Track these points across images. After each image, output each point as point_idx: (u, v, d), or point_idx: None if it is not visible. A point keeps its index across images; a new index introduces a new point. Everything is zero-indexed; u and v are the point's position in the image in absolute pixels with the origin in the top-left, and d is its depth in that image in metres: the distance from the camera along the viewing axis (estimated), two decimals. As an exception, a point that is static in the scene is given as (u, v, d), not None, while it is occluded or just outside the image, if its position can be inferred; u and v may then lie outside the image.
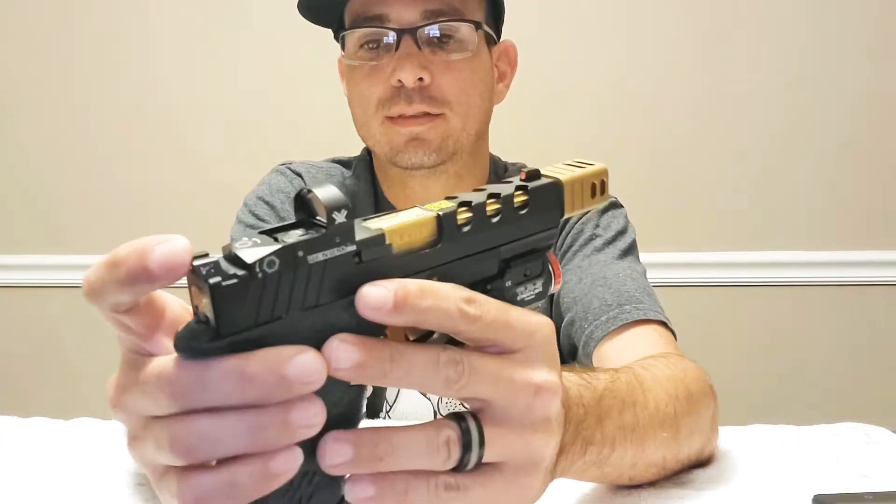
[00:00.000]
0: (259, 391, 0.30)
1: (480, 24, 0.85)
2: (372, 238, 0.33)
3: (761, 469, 0.64)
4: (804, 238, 1.52)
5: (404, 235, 0.34)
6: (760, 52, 1.49)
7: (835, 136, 1.50)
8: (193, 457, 0.31)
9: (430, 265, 0.35)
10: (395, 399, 0.92)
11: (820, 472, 0.62)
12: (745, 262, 1.53)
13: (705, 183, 1.52)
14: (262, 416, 0.31)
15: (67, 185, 1.59)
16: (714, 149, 1.51)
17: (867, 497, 0.55)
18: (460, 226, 0.36)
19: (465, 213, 0.36)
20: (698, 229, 1.53)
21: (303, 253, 0.31)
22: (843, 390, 1.53)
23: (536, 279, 0.40)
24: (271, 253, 0.30)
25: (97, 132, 1.58)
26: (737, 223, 1.52)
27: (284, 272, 0.31)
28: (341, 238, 0.32)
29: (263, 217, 0.91)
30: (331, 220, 0.31)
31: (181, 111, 1.56)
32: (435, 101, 0.82)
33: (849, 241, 1.52)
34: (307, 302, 0.32)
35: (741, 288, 1.54)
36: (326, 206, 0.31)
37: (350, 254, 0.32)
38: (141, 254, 0.29)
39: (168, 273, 0.29)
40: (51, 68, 1.58)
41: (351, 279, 0.32)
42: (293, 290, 0.31)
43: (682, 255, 1.52)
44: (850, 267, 1.52)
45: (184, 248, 0.30)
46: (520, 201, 0.38)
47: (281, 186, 0.94)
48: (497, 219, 0.37)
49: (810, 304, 1.53)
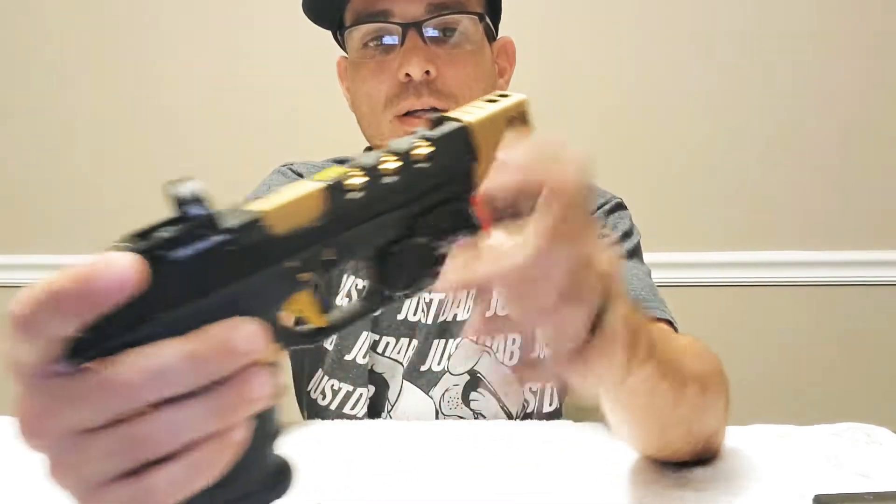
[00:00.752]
0: (211, 369, 0.30)
1: (484, 16, 0.85)
2: (244, 224, 0.32)
3: (762, 469, 0.64)
4: (804, 238, 1.52)
5: (289, 213, 0.33)
6: (761, 53, 1.49)
7: (835, 136, 1.50)
8: (155, 453, 0.30)
9: (321, 239, 0.34)
10: (397, 399, 0.92)
11: (820, 471, 0.62)
12: (745, 262, 1.53)
13: (705, 183, 1.52)
14: (222, 396, 0.30)
15: (67, 185, 1.59)
16: (714, 149, 1.51)
17: (868, 497, 0.55)
18: (352, 192, 0.34)
19: (358, 178, 0.34)
20: (698, 229, 1.53)
21: (165, 252, 0.30)
22: (843, 390, 1.53)
23: (457, 231, 0.38)
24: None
25: (97, 132, 1.58)
26: (737, 223, 1.52)
27: (150, 274, 0.29)
28: (205, 230, 0.31)
29: None
30: (186, 214, 0.30)
31: (183, 111, 1.56)
32: (441, 95, 0.82)
33: (849, 241, 1.52)
34: (184, 298, 0.31)
35: (741, 288, 1.54)
36: (179, 201, 0.31)
37: (220, 243, 0.31)
38: (86, 280, 0.28)
39: (115, 297, 0.28)
40: (52, 68, 1.58)
41: (230, 268, 0.32)
42: (163, 290, 0.30)
43: (683, 255, 1.52)
44: (850, 267, 1.52)
45: (132, 265, 0.29)
46: (423, 154, 0.36)
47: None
48: (395, 178, 0.35)
49: (810, 304, 1.53)
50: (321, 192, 0.34)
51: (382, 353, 0.92)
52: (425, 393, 0.91)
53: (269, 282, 0.33)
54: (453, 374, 0.91)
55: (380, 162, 0.35)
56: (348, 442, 0.75)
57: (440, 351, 0.92)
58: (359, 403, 0.91)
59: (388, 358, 0.92)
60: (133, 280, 0.28)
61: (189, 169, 1.58)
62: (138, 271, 0.29)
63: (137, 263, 0.29)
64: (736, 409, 0.66)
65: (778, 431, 0.74)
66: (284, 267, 0.33)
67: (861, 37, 1.48)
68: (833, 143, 1.50)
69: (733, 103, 1.50)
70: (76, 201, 1.60)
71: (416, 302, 0.92)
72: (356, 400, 0.91)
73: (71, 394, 0.30)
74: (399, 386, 0.92)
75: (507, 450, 0.72)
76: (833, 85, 1.49)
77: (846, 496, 0.56)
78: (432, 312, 0.92)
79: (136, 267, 0.29)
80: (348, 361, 0.91)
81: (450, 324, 0.93)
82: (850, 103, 1.49)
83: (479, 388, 0.91)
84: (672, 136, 1.51)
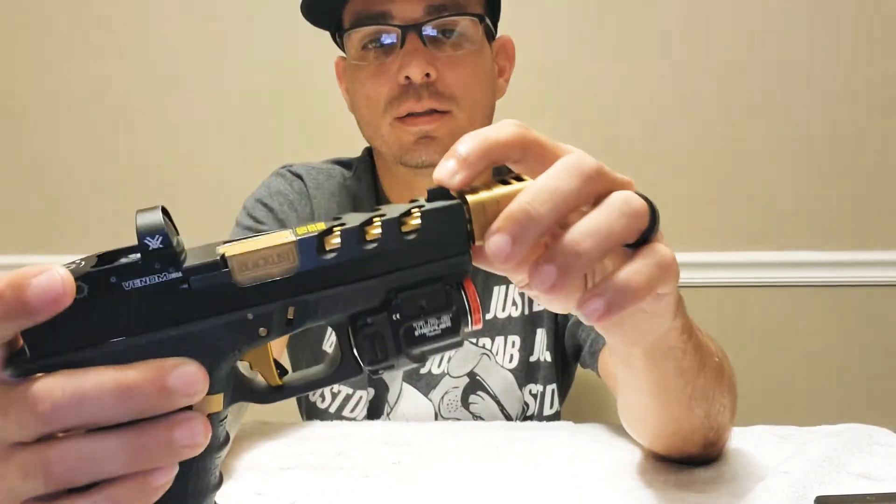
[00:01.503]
0: (140, 404, 0.29)
1: (483, 17, 0.84)
2: (204, 264, 0.31)
3: (763, 470, 0.64)
4: (805, 238, 1.52)
5: (256, 262, 0.32)
6: (761, 53, 1.49)
7: (835, 136, 1.50)
8: (70, 482, 0.29)
9: (286, 295, 0.32)
10: (397, 400, 0.92)
11: (822, 472, 0.62)
12: (746, 262, 1.53)
13: (705, 183, 1.52)
14: (144, 436, 0.29)
15: (68, 185, 1.59)
16: (714, 149, 1.51)
17: (869, 498, 0.55)
18: (326, 251, 0.32)
19: (336, 238, 0.33)
20: (699, 230, 1.53)
21: (116, 279, 0.30)
22: (844, 391, 1.53)
23: (441, 313, 0.34)
24: (78, 278, 0.29)
25: (97, 132, 1.58)
26: (737, 223, 1.52)
27: (98, 297, 0.30)
28: (162, 264, 0.30)
29: (262, 220, 0.91)
30: (143, 245, 0.30)
31: (183, 112, 1.56)
32: (442, 97, 0.82)
33: (849, 241, 1.52)
34: (131, 329, 0.30)
35: (741, 288, 1.54)
36: (138, 231, 0.30)
37: (174, 281, 0.30)
38: (17, 287, 0.28)
39: (48, 307, 0.28)
40: (53, 68, 1.57)
41: (181, 307, 0.31)
42: (110, 317, 0.30)
43: (683, 256, 1.51)
44: (850, 267, 1.52)
45: (63, 278, 0.28)
46: (412, 225, 0.33)
47: (280, 189, 0.93)
48: (375, 245, 0.33)
49: (810, 304, 1.53)
50: (294, 246, 0.32)
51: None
52: (424, 395, 0.91)
53: (223, 329, 0.32)
54: (453, 376, 0.91)
55: (365, 224, 0.33)
56: (348, 442, 0.74)
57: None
58: (358, 406, 0.90)
59: (388, 359, 0.92)
60: (62, 296, 0.28)
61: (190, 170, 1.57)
62: (68, 289, 0.28)
63: (69, 281, 0.28)
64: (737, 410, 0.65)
65: (779, 433, 0.74)
66: (242, 318, 0.32)
67: (862, 37, 1.48)
68: (833, 144, 1.50)
69: (733, 104, 1.50)
70: (76, 201, 1.60)
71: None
72: (356, 403, 0.90)
73: (2, 403, 0.29)
74: (399, 388, 0.91)
75: (506, 450, 0.71)
76: (834, 85, 1.49)
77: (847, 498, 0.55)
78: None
79: (67, 283, 0.28)
80: (348, 363, 0.90)
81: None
82: (851, 103, 1.49)
83: (478, 391, 0.91)
84: (672, 135, 1.51)
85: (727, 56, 1.49)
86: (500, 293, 0.92)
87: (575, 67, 1.50)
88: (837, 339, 1.53)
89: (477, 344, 0.91)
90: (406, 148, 0.83)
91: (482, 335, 0.91)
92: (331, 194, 0.93)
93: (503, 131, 0.36)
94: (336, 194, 0.93)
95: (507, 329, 0.91)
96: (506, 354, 0.91)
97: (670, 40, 1.49)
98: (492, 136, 0.36)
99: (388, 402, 0.92)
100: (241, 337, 0.32)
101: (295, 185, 0.94)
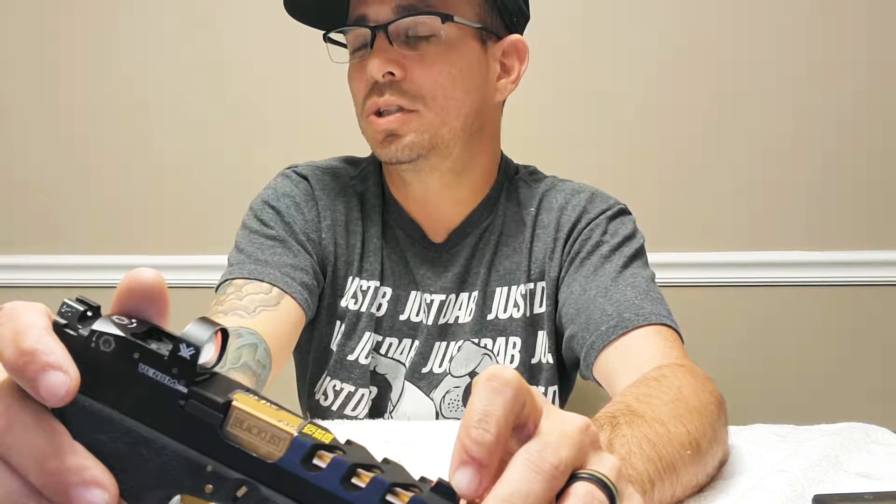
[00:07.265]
0: (40, 480, 0.29)
1: (451, 16, 0.84)
2: (209, 398, 0.31)
3: (761, 468, 0.64)
4: (804, 238, 1.52)
5: (252, 427, 0.31)
6: (761, 53, 1.49)
7: (835, 136, 1.50)
8: None
9: (250, 474, 0.30)
10: (399, 399, 0.92)
11: (820, 471, 0.62)
12: (745, 262, 1.53)
13: (705, 183, 1.52)
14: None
15: (67, 185, 1.59)
16: (714, 149, 1.51)
17: (867, 497, 0.55)
18: (311, 464, 0.30)
19: (326, 460, 0.30)
20: (698, 230, 1.53)
21: (138, 356, 0.30)
22: (843, 390, 1.53)
23: None
24: (112, 334, 0.30)
25: (97, 132, 1.58)
26: (737, 223, 1.52)
27: (115, 360, 0.30)
28: (179, 371, 0.30)
29: (268, 222, 0.90)
30: (176, 347, 0.30)
31: (184, 112, 1.56)
32: (408, 95, 0.83)
33: (848, 241, 1.52)
34: (118, 404, 0.31)
35: (741, 288, 1.54)
36: (182, 333, 0.31)
37: (177, 392, 0.31)
38: (28, 380, 0.29)
39: (53, 401, 0.29)
40: (51, 67, 1.57)
41: (170, 419, 0.31)
42: (109, 381, 0.31)
43: (683, 256, 1.52)
44: (849, 267, 1.52)
45: (69, 386, 0.29)
46: (398, 498, 0.30)
47: (287, 191, 0.93)
48: (353, 492, 0.30)
49: (810, 304, 1.53)
50: (289, 440, 0.30)
51: (385, 353, 0.92)
52: (426, 394, 0.91)
53: (180, 462, 0.31)
54: (455, 376, 0.92)
55: (358, 467, 0.31)
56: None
57: (441, 353, 0.92)
58: (360, 404, 0.91)
59: (390, 359, 0.92)
60: (66, 396, 0.29)
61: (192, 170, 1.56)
62: (72, 391, 0.29)
63: (73, 387, 0.29)
64: (736, 408, 0.66)
65: (777, 431, 0.74)
66: (203, 463, 0.31)
67: (862, 37, 1.48)
68: (833, 144, 1.51)
69: (733, 104, 1.50)
70: (76, 201, 1.60)
71: (419, 302, 0.92)
72: (358, 401, 0.91)
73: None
74: (401, 387, 0.92)
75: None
76: (833, 85, 1.49)
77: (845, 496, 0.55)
78: (433, 313, 0.92)
79: (72, 388, 0.29)
80: (351, 362, 0.90)
81: (450, 326, 0.93)
82: (851, 103, 1.50)
83: None
84: (673, 135, 1.51)
85: (727, 56, 1.50)
86: (501, 294, 0.92)
87: (575, 67, 1.50)
88: (836, 339, 1.54)
89: (479, 344, 0.92)
90: (376, 144, 0.86)
91: (484, 335, 0.92)
92: (336, 195, 0.94)
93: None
94: (342, 194, 0.94)
95: (508, 330, 0.92)
96: (507, 355, 0.91)
97: (673, 41, 1.50)
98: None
99: (390, 400, 0.92)
100: (189, 480, 0.31)
101: (301, 187, 0.94)
